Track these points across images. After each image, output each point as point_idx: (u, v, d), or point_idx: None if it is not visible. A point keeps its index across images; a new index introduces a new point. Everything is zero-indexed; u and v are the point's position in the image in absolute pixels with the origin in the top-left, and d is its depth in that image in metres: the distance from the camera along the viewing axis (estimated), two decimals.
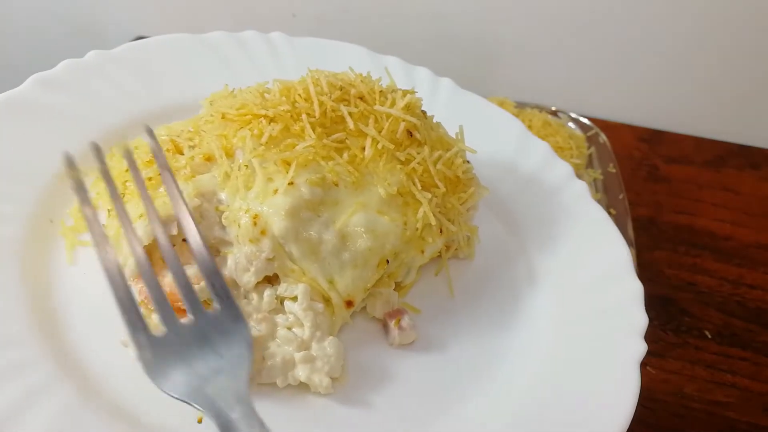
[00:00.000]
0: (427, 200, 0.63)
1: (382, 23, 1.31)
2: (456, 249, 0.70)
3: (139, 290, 0.55)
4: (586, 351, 0.62)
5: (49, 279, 0.59)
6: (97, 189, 0.65)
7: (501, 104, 1.10)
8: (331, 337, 0.57)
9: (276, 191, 0.58)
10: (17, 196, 0.63)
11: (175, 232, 0.57)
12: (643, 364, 0.62)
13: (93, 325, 0.56)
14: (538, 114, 1.11)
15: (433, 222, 0.63)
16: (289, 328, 0.58)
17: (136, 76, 0.77)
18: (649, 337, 0.64)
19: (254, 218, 0.57)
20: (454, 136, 0.71)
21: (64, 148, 0.63)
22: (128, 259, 0.56)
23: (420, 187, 0.64)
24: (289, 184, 0.58)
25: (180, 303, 0.50)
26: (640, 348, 0.61)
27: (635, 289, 0.66)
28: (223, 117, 0.64)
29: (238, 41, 0.86)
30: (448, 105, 0.85)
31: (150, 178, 0.59)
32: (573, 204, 0.76)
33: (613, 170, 1.08)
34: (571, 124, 1.16)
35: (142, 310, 0.48)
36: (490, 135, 0.78)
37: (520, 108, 1.13)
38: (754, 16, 1.21)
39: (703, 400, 0.87)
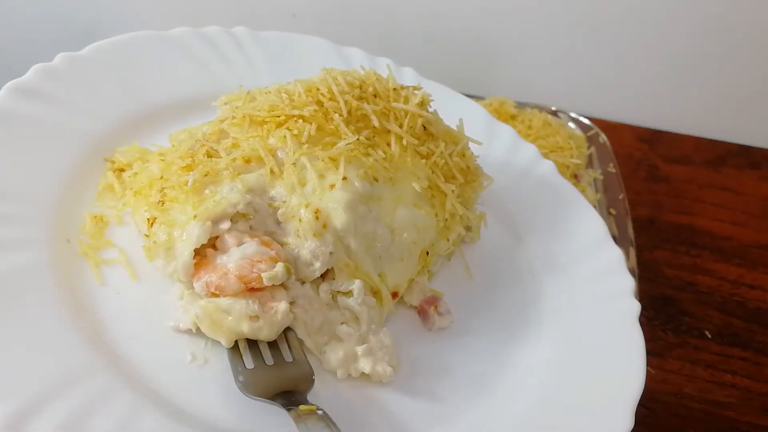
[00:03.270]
0: (451, 192, 0.67)
1: (382, 23, 1.31)
2: (464, 235, 0.74)
3: (206, 283, 0.56)
4: (590, 313, 0.69)
5: (87, 303, 0.57)
6: (109, 201, 0.66)
7: (501, 104, 1.10)
8: (384, 329, 0.61)
9: (333, 186, 0.60)
10: (28, 220, 0.60)
11: (226, 227, 0.58)
12: None
13: (145, 342, 0.56)
14: (538, 114, 1.11)
15: (461, 212, 0.67)
16: (343, 323, 0.60)
17: (110, 78, 0.75)
18: (649, 336, 0.65)
19: (316, 213, 0.58)
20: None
21: (54, 161, 0.65)
22: (180, 257, 0.57)
23: (443, 180, 0.67)
24: (343, 179, 0.60)
25: (253, 283, 0.56)
26: (635, 305, 0.69)
27: (616, 255, 0.74)
28: (251, 120, 0.64)
29: (202, 37, 0.85)
30: None
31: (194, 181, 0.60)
32: (545, 183, 0.83)
33: (613, 170, 1.08)
34: (571, 124, 1.16)
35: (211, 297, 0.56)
36: (457, 122, 0.81)
37: (520, 108, 1.13)
38: (753, 16, 1.21)
39: (703, 400, 0.87)
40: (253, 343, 0.57)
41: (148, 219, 0.60)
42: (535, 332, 0.67)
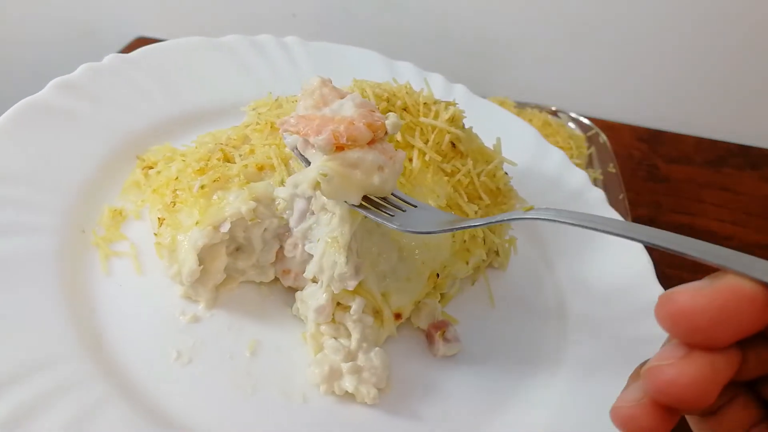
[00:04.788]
0: (473, 212, 0.64)
1: (382, 23, 1.31)
2: (491, 260, 0.71)
3: (333, 134, 0.51)
4: (616, 356, 0.63)
5: (86, 291, 0.58)
6: (133, 197, 0.67)
7: (501, 104, 1.10)
8: (377, 348, 0.58)
9: None
10: (47, 207, 0.62)
11: (225, 229, 0.58)
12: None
13: (134, 335, 0.56)
14: (538, 114, 1.11)
15: (481, 234, 0.64)
16: (335, 338, 0.58)
17: (154, 80, 0.77)
18: None
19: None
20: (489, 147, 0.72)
21: (87, 155, 0.67)
22: (185, 264, 0.57)
23: (466, 199, 0.64)
24: None
25: (378, 131, 0.52)
26: None
27: (657, 295, 0.67)
28: (272, 127, 0.64)
29: (253, 44, 0.86)
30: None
31: (203, 186, 0.60)
32: (592, 212, 0.76)
33: (613, 170, 1.07)
34: (571, 124, 1.16)
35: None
36: (506, 142, 0.79)
37: (520, 108, 1.13)
38: (753, 16, 1.20)
39: None
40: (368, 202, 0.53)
41: (159, 218, 0.61)
42: (551, 371, 0.63)
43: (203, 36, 0.85)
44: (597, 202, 0.80)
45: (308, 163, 0.53)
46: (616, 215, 0.78)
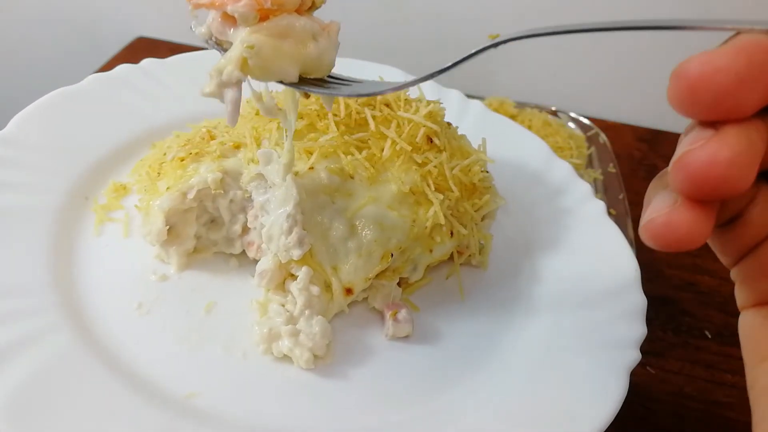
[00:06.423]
0: (438, 201, 0.65)
1: (382, 23, 1.31)
2: (469, 255, 0.71)
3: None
4: (578, 355, 0.62)
5: (73, 245, 0.65)
6: (137, 173, 0.74)
7: (501, 104, 1.11)
8: (319, 316, 0.59)
9: (297, 173, 0.62)
10: (58, 171, 0.69)
11: (191, 196, 0.63)
12: (643, 364, 0.61)
13: (104, 283, 0.62)
14: (538, 114, 1.11)
15: (443, 222, 0.65)
16: (283, 305, 0.61)
17: (184, 82, 0.83)
18: (649, 336, 0.64)
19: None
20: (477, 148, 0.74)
21: (108, 139, 0.75)
22: (154, 224, 0.63)
23: (433, 189, 0.66)
24: (309, 168, 0.63)
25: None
26: (633, 355, 0.61)
27: (638, 302, 0.66)
28: (257, 113, 0.70)
29: None
30: (475, 124, 0.88)
31: (182, 158, 0.66)
32: (588, 222, 0.78)
33: (613, 170, 1.07)
34: (571, 124, 1.16)
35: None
36: (515, 152, 0.81)
37: (520, 108, 1.13)
38: (753, 16, 1.20)
39: (703, 400, 0.86)
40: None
41: (145, 188, 0.68)
42: (502, 364, 0.62)
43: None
44: (596, 214, 0.78)
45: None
46: (615, 229, 0.76)
